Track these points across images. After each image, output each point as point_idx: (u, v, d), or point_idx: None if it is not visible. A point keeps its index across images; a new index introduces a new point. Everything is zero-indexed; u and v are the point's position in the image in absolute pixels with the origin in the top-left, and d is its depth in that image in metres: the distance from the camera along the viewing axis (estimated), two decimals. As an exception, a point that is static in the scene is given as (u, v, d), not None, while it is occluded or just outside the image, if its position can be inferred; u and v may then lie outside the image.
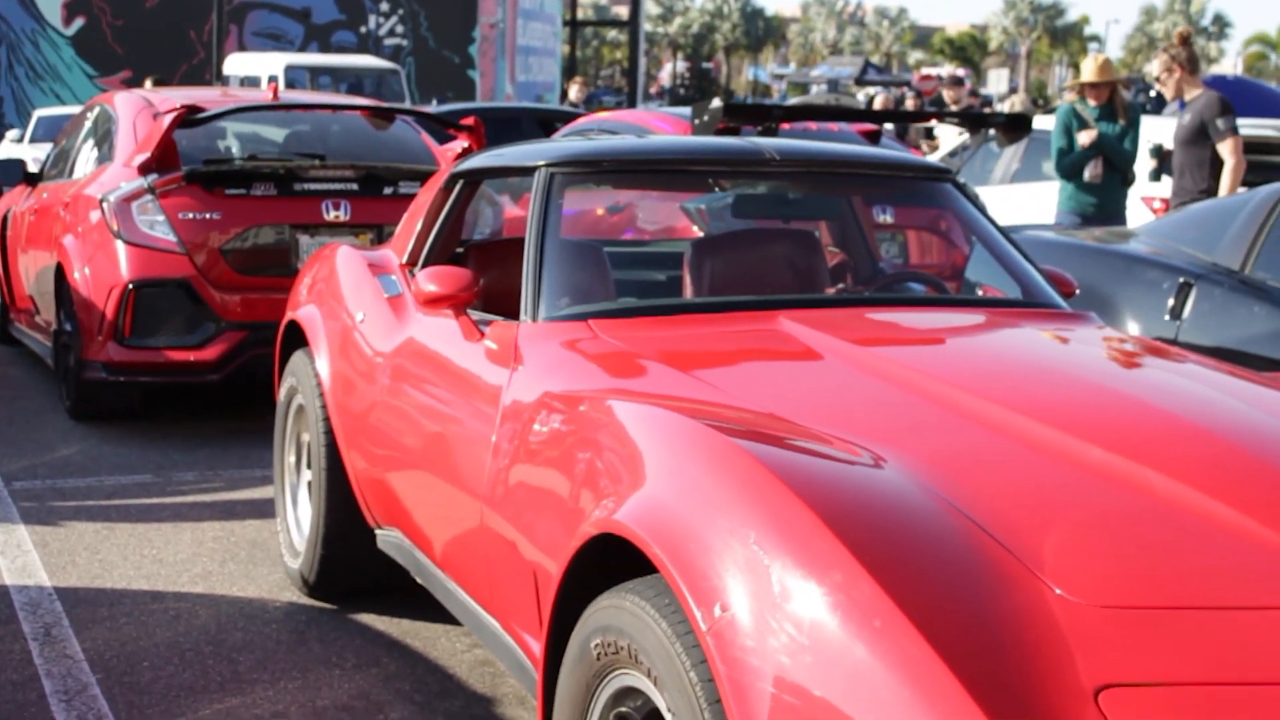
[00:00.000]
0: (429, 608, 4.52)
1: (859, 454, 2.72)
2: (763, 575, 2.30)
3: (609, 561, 2.75)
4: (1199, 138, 8.55)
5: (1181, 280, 5.88)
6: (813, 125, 9.45)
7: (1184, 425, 2.95)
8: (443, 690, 4.18)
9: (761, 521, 2.37)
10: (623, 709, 2.67)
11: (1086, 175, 8.99)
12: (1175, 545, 2.52)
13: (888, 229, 7.35)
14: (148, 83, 15.60)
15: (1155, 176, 8.97)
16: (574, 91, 19.98)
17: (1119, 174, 8.99)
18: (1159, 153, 8.92)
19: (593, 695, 2.71)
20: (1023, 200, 11.11)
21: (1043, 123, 11.37)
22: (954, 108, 15.54)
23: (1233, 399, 3.23)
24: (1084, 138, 8.94)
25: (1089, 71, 9.17)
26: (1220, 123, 8.48)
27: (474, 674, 4.30)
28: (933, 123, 14.24)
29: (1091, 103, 9.06)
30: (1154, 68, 9.06)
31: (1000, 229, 4.49)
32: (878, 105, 20.91)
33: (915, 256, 7.42)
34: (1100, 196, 8.97)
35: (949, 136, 14.74)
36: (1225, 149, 8.45)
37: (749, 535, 2.36)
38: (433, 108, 15.82)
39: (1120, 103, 9.05)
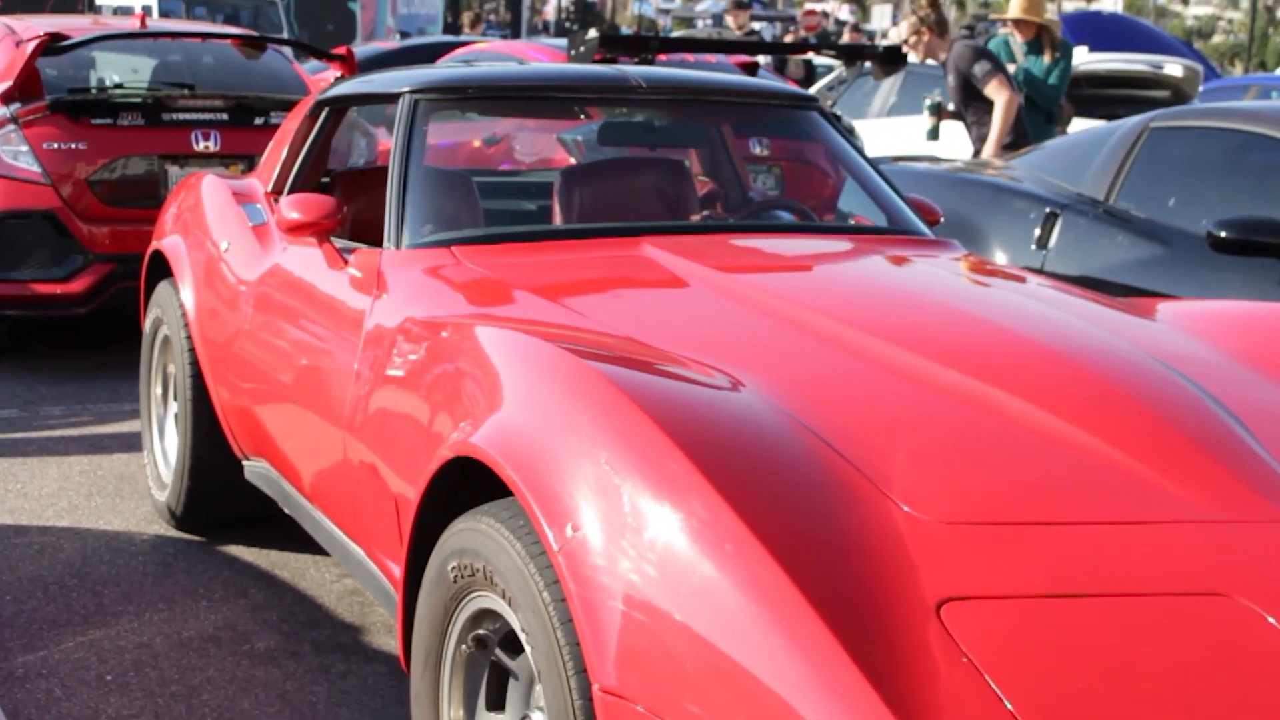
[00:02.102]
0: (297, 539, 4.50)
1: (714, 376, 2.74)
2: (614, 495, 2.31)
3: (468, 486, 2.75)
4: (973, 90, 8.52)
5: (1048, 210, 5.94)
6: (690, 57, 9.44)
7: (1036, 348, 3.00)
8: (310, 620, 4.17)
9: (613, 442, 2.38)
10: (480, 631, 2.68)
11: None
12: (1021, 463, 2.58)
13: (763, 161, 7.38)
14: None
15: (933, 135, 8.96)
16: (468, 27, 19.78)
17: (1042, 111, 9.02)
18: (937, 110, 8.93)
19: (451, 618, 2.72)
20: (901, 133, 11.19)
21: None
22: (738, 35, 15.36)
23: (1086, 323, 3.29)
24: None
25: (1013, 8, 9.15)
26: (977, 69, 8.42)
27: (342, 603, 4.29)
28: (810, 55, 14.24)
29: (1018, 38, 9.05)
30: (902, 31, 9.00)
31: (866, 157, 4.53)
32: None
33: (792, 188, 7.45)
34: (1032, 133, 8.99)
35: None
36: (991, 91, 8.40)
37: (600, 456, 2.37)
38: (408, 40, 15.46)
39: (1049, 39, 9.03)
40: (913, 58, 8.80)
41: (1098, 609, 2.21)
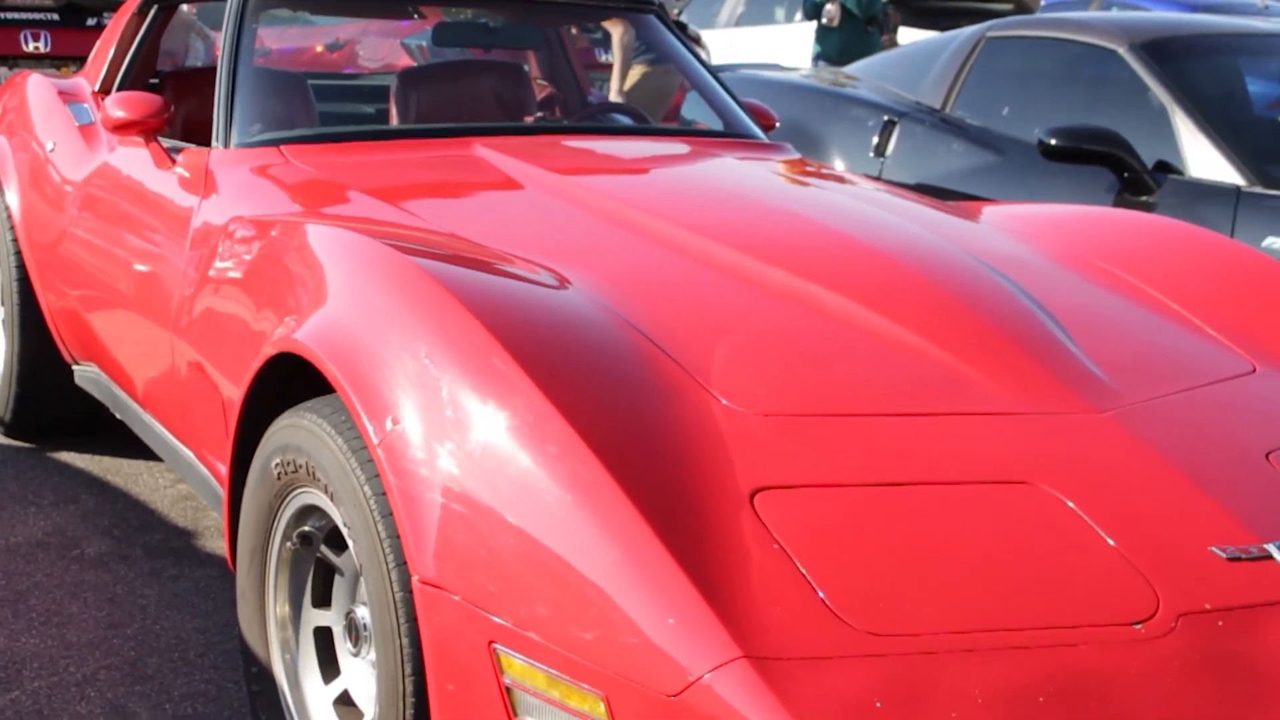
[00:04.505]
0: (130, 444, 4.44)
1: (538, 273, 2.75)
2: (433, 389, 2.32)
3: (294, 384, 2.73)
4: None
5: (886, 118, 6.01)
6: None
7: (860, 247, 3.05)
8: (142, 525, 4.13)
9: (433, 336, 2.38)
10: (305, 528, 2.67)
11: (824, 18, 9.06)
12: (839, 358, 2.62)
13: (609, 69, 7.35)
14: None
15: None
16: None
17: (859, 19, 9.07)
18: None
19: (275, 515, 2.71)
20: (750, 43, 11.21)
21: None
22: None
23: (911, 224, 3.34)
24: None
25: None
26: None
27: (175, 508, 4.25)
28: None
29: None
30: None
31: (703, 62, 4.54)
32: None
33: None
34: (842, 39, 9.04)
35: None
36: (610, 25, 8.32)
37: (420, 350, 2.37)
38: None
39: None
40: None
41: (906, 497, 2.26)
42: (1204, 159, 4.93)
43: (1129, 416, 2.55)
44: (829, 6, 9.03)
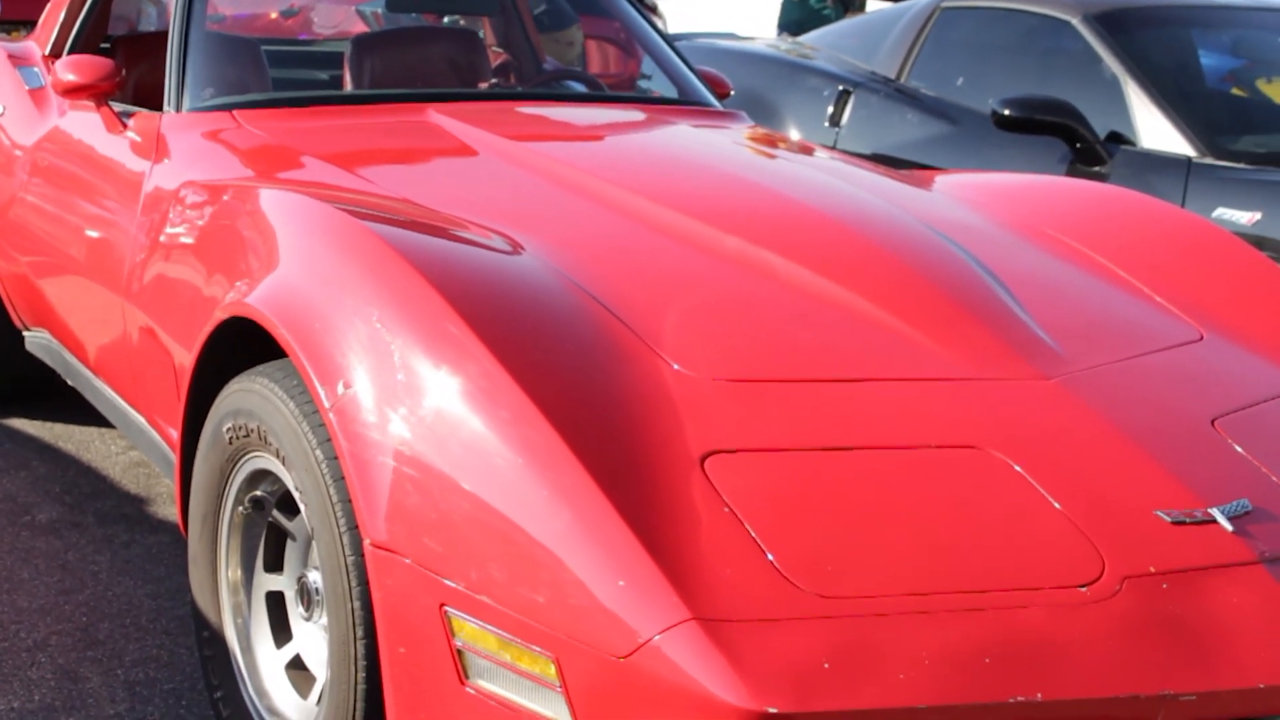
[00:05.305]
0: (82, 411, 4.42)
1: (491, 238, 2.75)
2: (385, 353, 2.32)
3: (247, 349, 2.73)
4: None
5: (841, 88, 6.02)
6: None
7: (813, 214, 3.06)
8: (94, 491, 4.12)
9: (384, 300, 2.38)
10: (257, 493, 2.68)
11: None
12: (790, 324, 2.63)
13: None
14: None
15: None
16: None
17: None
18: None
19: (227, 480, 2.71)
20: (708, 12, 11.20)
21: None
22: None
23: (864, 191, 3.35)
24: None
25: None
26: None
27: (127, 475, 4.24)
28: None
29: None
30: None
31: (658, 30, 4.53)
32: None
33: (595, 65, 7.42)
34: (801, 12, 9.06)
35: None
36: None
37: (372, 314, 2.37)
38: None
39: None
40: None
41: (856, 461, 2.28)
42: (1156, 130, 4.96)
43: (1077, 383, 2.57)
44: None
